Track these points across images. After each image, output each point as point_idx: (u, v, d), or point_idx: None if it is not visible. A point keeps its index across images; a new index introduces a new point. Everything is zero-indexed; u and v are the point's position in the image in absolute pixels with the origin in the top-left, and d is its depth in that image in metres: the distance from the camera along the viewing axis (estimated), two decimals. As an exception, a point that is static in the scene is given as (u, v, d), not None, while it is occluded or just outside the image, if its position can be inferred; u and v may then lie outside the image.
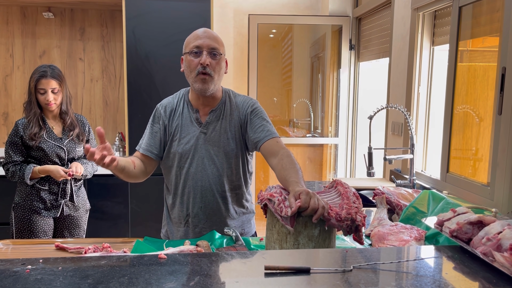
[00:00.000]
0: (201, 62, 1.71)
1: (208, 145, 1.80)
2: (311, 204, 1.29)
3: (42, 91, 2.48)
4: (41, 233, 2.55)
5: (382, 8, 3.33)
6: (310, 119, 4.50)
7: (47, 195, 2.55)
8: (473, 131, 2.21)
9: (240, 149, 1.83)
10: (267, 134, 1.76)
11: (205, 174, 1.80)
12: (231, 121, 1.82)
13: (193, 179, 1.81)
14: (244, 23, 4.03)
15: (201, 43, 1.73)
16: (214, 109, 1.82)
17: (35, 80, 2.47)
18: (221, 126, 1.81)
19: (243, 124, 1.82)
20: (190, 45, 1.76)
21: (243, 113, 1.82)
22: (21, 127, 2.50)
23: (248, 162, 1.89)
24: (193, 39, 1.76)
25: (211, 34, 1.77)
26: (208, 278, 1.03)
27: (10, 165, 2.51)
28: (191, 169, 1.81)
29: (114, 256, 1.17)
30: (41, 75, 2.48)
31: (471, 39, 2.26)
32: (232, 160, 1.82)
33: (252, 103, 1.85)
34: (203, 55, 1.72)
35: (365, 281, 1.02)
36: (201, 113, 1.83)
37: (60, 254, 1.60)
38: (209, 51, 1.73)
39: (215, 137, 1.80)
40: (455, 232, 1.28)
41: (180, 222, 1.88)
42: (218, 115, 1.82)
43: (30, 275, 1.04)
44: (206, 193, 1.82)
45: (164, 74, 3.41)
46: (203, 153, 1.80)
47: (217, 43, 1.75)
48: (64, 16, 3.87)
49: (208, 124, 1.81)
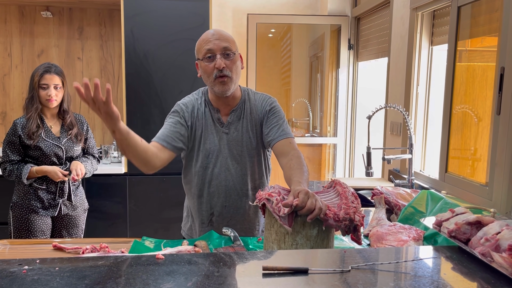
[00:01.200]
0: (217, 67, 1.69)
1: (231, 145, 1.81)
2: (307, 204, 1.29)
3: (45, 86, 2.49)
4: (39, 232, 2.54)
5: (381, 8, 3.33)
6: (309, 119, 4.50)
7: (45, 194, 2.55)
8: (472, 131, 2.21)
9: (261, 147, 1.85)
10: (281, 134, 1.77)
11: (229, 174, 1.81)
12: (251, 120, 1.83)
13: (217, 179, 1.82)
14: (243, 23, 4.03)
15: (212, 46, 1.70)
16: (235, 109, 1.82)
17: (39, 75, 2.47)
18: (242, 125, 1.82)
19: (262, 122, 1.83)
20: (202, 51, 1.73)
21: (262, 111, 1.83)
22: (20, 127, 2.50)
23: (268, 159, 1.92)
24: (204, 44, 1.72)
25: (221, 34, 1.74)
26: (206, 279, 1.03)
27: (7, 164, 2.51)
28: (215, 169, 1.81)
29: (112, 256, 1.17)
30: (46, 70, 2.49)
31: (469, 39, 2.26)
32: (255, 158, 1.84)
33: (271, 102, 1.86)
34: (217, 59, 1.69)
35: (364, 281, 1.02)
36: (222, 113, 1.83)
37: (58, 254, 1.59)
38: (222, 52, 1.70)
39: (237, 137, 1.81)
40: (453, 232, 1.27)
41: (203, 221, 1.88)
42: (239, 115, 1.82)
43: (27, 275, 1.03)
44: (230, 192, 1.83)
45: (162, 73, 3.40)
46: (227, 153, 1.81)
47: (228, 42, 1.72)
48: (63, 15, 3.86)
49: (229, 124, 1.81)
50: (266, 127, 1.81)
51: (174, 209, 3.42)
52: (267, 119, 1.82)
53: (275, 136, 1.78)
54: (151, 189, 3.50)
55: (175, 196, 3.41)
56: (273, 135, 1.78)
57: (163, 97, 3.39)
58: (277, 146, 1.76)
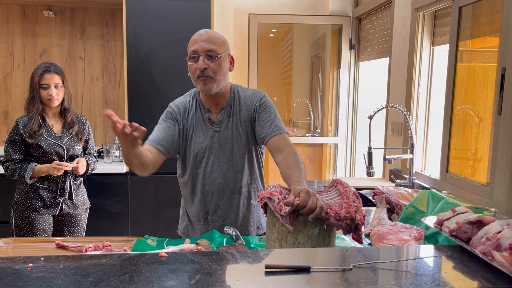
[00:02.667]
0: (198, 68, 1.73)
1: (222, 143, 1.82)
2: (309, 203, 1.30)
3: (46, 86, 2.49)
4: (40, 230, 2.55)
5: (382, 8, 3.34)
6: (310, 119, 4.50)
7: (46, 193, 2.55)
8: (473, 132, 2.21)
9: (253, 143, 1.85)
10: (274, 130, 1.78)
11: (221, 172, 1.82)
12: (241, 117, 1.83)
13: (210, 177, 1.83)
14: (244, 23, 4.04)
15: (197, 47, 1.73)
16: (224, 106, 1.83)
17: (39, 75, 2.48)
18: (232, 123, 1.83)
19: (252, 118, 1.83)
20: (189, 51, 1.77)
21: (251, 107, 1.84)
22: (21, 126, 2.51)
23: (261, 155, 1.92)
24: (191, 44, 1.77)
25: (209, 36, 1.75)
26: (209, 277, 1.04)
27: (10, 163, 2.52)
28: (207, 168, 1.83)
29: (115, 254, 1.17)
30: (45, 70, 2.49)
31: (471, 40, 2.27)
32: (247, 155, 1.84)
33: (260, 97, 1.85)
34: (200, 60, 1.73)
35: (365, 280, 1.02)
36: (213, 112, 1.84)
37: (61, 252, 1.60)
38: (206, 54, 1.73)
39: (228, 135, 1.82)
40: (454, 231, 1.28)
41: (199, 220, 1.89)
42: (228, 113, 1.83)
43: (32, 272, 1.04)
44: (224, 190, 1.84)
45: (164, 73, 3.41)
46: (218, 151, 1.82)
47: (214, 45, 1.74)
48: (65, 15, 3.87)
49: (220, 122, 1.83)
50: (258, 123, 1.81)
51: (175, 208, 3.41)
52: (259, 116, 1.82)
53: (268, 132, 1.77)
54: (152, 188, 3.50)
55: (176, 196, 3.40)
56: (266, 132, 1.78)
57: (164, 97, 3.40)
58: (271, 142, 1.76)
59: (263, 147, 1.92)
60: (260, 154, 1.91)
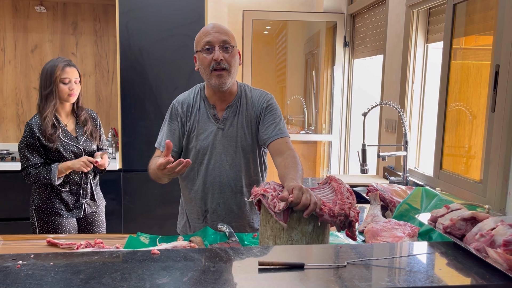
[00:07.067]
0: (215, 58, 1.69)
1: (226, 141, 1.80)
2: (302, 200, 1.29)
3: (67, 81, 2.39)
4: (66, 233, 2.48)
5: (377, 5, 3.34)
6: (304, 116, 4.50)
7: (68, 196, 2.47)
8: (466, 129, 2.22)
9: (256, 144, 1.84)
10: (277, 133, 1.77)
11: (223, 170, 1.81)
12: (247, 116, 1.82)
13: (211, 175, 1.81)
14: (238, 19, 4.02)
15: (212, 38, 1.71)
16: (231, 104, 1.81)
17: (61, 69, 2.37)
18: (237, 121, 1.81)
19: (258, 119, 1.82)
20: (201, 43, 1.73)
21: (258, 108, 1.83)
22: (36, 128, 2.38)
23: (264, 156, 1.91)
24: (203, 36, 1.73)
25: (220, 27, 1.75)
26: (202, 274, 1.03)
27: (31, 169, 2.39)
28: (209, 165, 1.81)
29: (107, 252, 1.16)
30: (67, 63, 2.41)
31: (464, 37, 2.27)
32: (250, 155, 1.83)
33: (268, 99, 1.85)
34: (216, 51, 1.70)
35: (359, 277, 1.02)
36: (218, 108, 1.82)
37: (52, 249, 1.58)
38: (221, 45, 1.71)
39: (232, 133, 1.80)
40: (448, 228, 1.28)
41: (198, 218, 1.87)
42: (234, 111, 1.82)
43: (21, 270, 1.03)
44: (224, 189, 1.82)
45: (157, 69, 3.39)
46: (221, 149, 1.80)
47: (227, 36, 1.73)
48: (57, 10, 3.83)
49: (225, 120, 1.81)
50: (262, 125, 1.81)
51: (168, 206, 3.41)
52: (264, 117, 1.81)
53: (271, 135, 1.77)
54: (145, 185, 3.48)
55: (170, 193, 3.41)
56: (269, 134, 1.78)
57: (158, 93, 3.38)
58: (273, 144, 1.76)
59: (266, 148, 1.91)
60: (263, 155, 1.90)
